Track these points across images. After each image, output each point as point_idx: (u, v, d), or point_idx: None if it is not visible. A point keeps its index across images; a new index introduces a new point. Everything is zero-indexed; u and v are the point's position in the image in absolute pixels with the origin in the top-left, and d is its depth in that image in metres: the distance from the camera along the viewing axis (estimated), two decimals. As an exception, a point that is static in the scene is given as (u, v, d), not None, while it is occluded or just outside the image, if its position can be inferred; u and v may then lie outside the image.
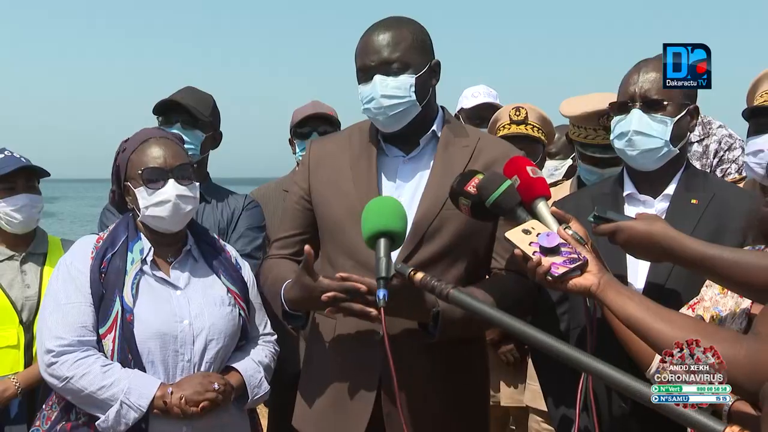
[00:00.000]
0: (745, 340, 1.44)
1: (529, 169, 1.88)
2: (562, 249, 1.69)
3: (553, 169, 3.79)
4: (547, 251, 1.69)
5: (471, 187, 1.89)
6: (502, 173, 1.90)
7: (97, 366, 2.07)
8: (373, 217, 1.85)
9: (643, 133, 2.04)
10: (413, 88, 2.05)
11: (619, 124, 2.09)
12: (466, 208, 1.92)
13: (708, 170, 3.38)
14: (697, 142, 3.44)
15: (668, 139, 2.04)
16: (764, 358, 1.38)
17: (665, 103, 2.03)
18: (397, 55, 2.04)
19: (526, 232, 1.74)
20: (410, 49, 2.06)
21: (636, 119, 2.04)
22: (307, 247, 1.94)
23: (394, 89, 2.04)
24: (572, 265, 1.66)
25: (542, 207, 1.82)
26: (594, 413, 1.86)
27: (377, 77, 2.04)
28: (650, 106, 2.04)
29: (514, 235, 1.75)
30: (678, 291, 1.99)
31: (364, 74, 2.08)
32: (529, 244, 1.71)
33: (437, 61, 2.14)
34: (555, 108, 3.07)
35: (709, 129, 3.40)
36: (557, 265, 1.66)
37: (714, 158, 3.39)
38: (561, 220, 1.79)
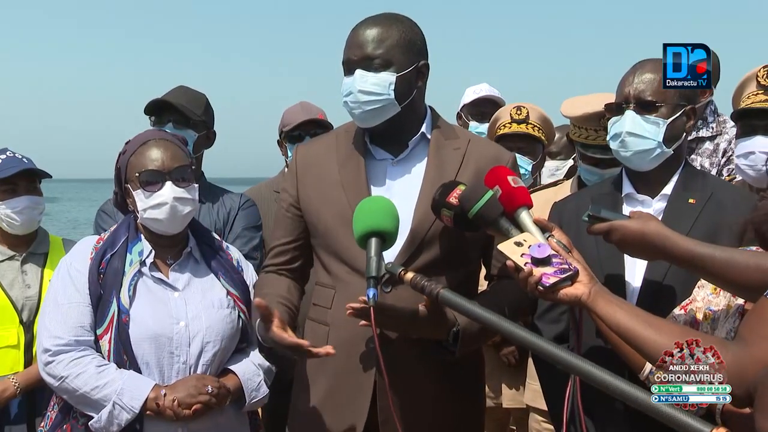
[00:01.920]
0: (730, 345, 1.46)
1: (510, 179, 1.88)
2: (553, 260, 1.70)
3: (555, 169, 3.79)
4: (538, 262, 1.70)
5: (453, 198, 1.89)
6: (484, 183, 1.90)
7: (92, 366, 2.08)
8: (364, 217, 1.85)
9: (635, 135, 2.04)
10: (392, 87, 2.02)
11: (614, 126, 2.10)
12: (448, 219, 1.92)
13: (716, 168, 3.38)
14: (708, 139, 3.43)
15: (661, 140, 2.04)
16: (749, 362, 1.39)
17: (658, 104, 2.04)
18: (379, 52, 2.02)
19: (518, 244, 1.76)
20: (394, 48, 2.03)
21: (629, 121, 2.05)
22: (257, 300, 1.91)
23: (373, 85, 2.02)
24: (563, 276, 1.67)
25: (525, 216, 1.83)
26: (582, 419, 1.86)
27: (358, 72, 2.03)
28: (643, 107, 2.05)
29: (507, 247, 1.77)
30: (675, 289, 2.00)
31: (347, 67, 2.07)
32: (521, 256, 1.73)
33: (426, 63, 2.10)
34: (556, 108, 3.07)
35: (722, 127, 3.39)
36: (548, 276, 1.68)
37: (722, 157, 3.38)
38: (544, 229, 1.80)
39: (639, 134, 2.04)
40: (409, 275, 1.78)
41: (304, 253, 2.21)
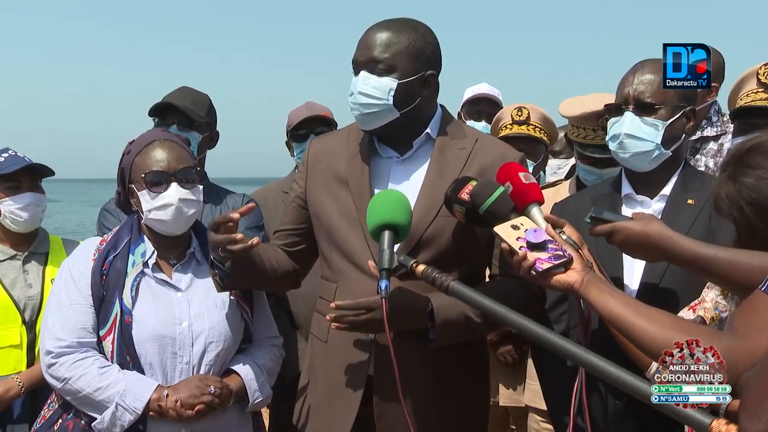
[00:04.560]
0: (723, 335, 1.46)
1: (521, 175, 1.88)
2: (549, 245, 1.72)
3: (556, 167, 3.77)
4: (533, 246, 1.72)
5: (465, 194, 1.91)
6: (495, 179, 1.91)
7: (95, 367, 2.09)
8: (378, 210, 1.87)
9: (633, 136, 2.05)
10: (392, 93, 2.03)
11: (613, 127, 2.10)
12: (460, 214, 1.94)
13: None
14: (713, 139, 3.44)
15: (660, 142, 2.05)
16: (741, 353, 1.39)
17: (657, 106, 2.04)
18: (385, 57, 2.03)
19: (515, 227, 1.77)
20: (401, 54, 2.04)
21: (628, 122, 2.05)
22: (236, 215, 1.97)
23: (373, 89, 2.03)
24: (556, 262, 1.68)
25: (536, 212, 1.84)
26: (587, 417, 1.87)
27: (362, 73, 2.05)
28: (643, 109, 2.05)
29: (503, 229, 1.78)
30: (673, 290, 2.01)
31: (354, 67, 2.10)
32: (516, 239, 1.74)
33: (432, 72, 2.10)
34: (555, 108, 3.08)
35: (727, 127, 3.39)
36: (542, 261, 1.69)
37: None
38: (555, 225, 1.81)
39: (637, 136, 2.05)
40: (421, 267, 1.80)
41: (303, 241, 2.25)
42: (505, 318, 1.63)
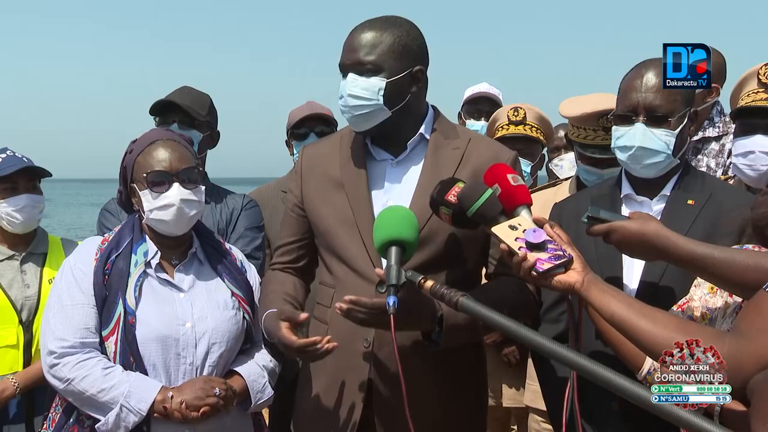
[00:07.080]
0: (727, 337, 1.46)
1: (509, 177, 1.87)
2: (548, 245, 1.70)
3: (574, 160, 3.73)
4: (532, 247, 1.70)
5: (451, 197, 1.89)
6: (483, 182, 1.89)
7: (99, 368, 2.07)
8: (385, 226, 1.86)
9: (648, 149, 2.03)
10: (381, 92, 2.02)
11: (623, 137, 2.07)
12: (447, 217, 1.92)
13: (722, 169, 3.38)
14: (714, 139, 3.43)
15: (671, 152, 2.04)
16: (746, 355, 1.40)
17: (669, 118, 2.02)
18: (370, 58, 2.03)
19: (513, 227, 1.76)
20: (387, 53, 2.03)
21: (640, 134, 2.03)
22: (304, 315, 1.97)
23: (362, 90, 2.03)
24: (557, 262, 1.67)
25: (525, 215, 1.82)
26: (578, 420, 1.86)
27: (350, 75, 2.05)
28: (654, 120, 2.03)
29: (501, 230, 1.77)
30: (672, 289, 2.00)
31: (342, 71, 2.09)
32: (515, 240, 1.73)
33: (420, 68, 2.09)
34: (555, 108, 3.08)
35: (728, 127, 3.38)
36: (542, 261, 1.67)
37: (728, 157, 3.37)
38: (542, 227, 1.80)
39: (651, 148, 2.03)
40: (429, 283, 1.78)
41: (309, 253, 2.25)
42: (515, 333, 1.60)
